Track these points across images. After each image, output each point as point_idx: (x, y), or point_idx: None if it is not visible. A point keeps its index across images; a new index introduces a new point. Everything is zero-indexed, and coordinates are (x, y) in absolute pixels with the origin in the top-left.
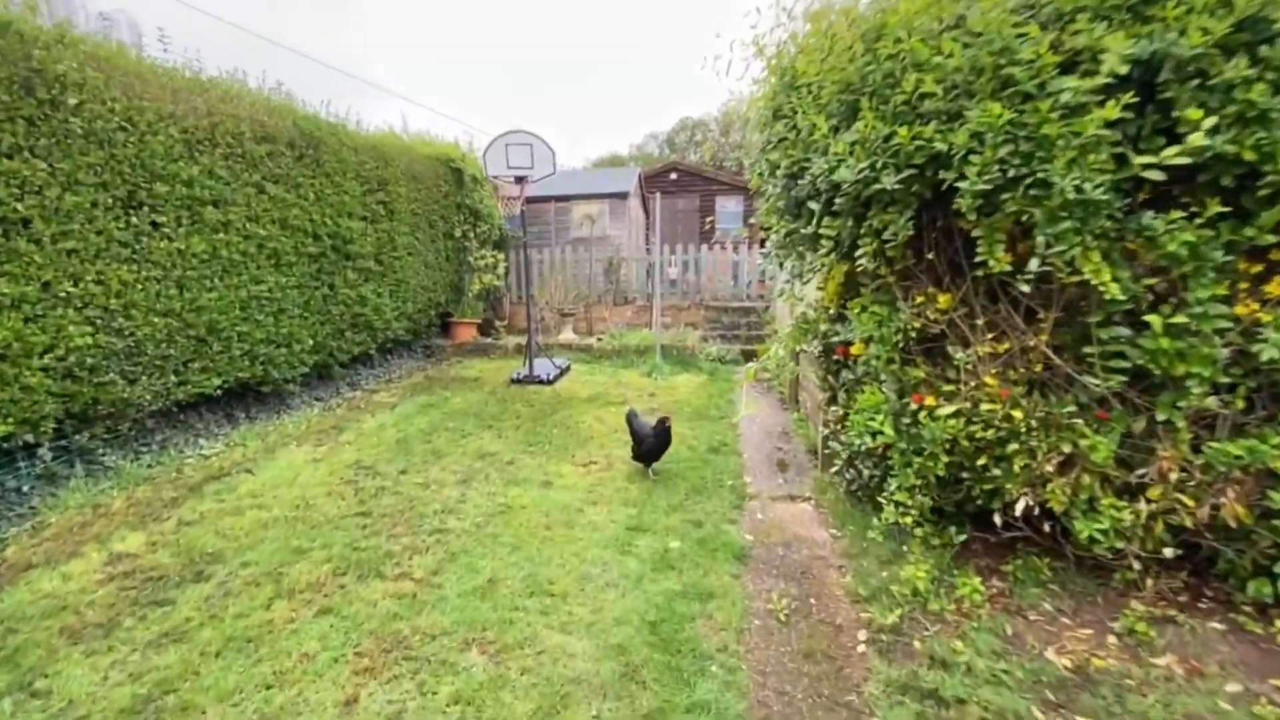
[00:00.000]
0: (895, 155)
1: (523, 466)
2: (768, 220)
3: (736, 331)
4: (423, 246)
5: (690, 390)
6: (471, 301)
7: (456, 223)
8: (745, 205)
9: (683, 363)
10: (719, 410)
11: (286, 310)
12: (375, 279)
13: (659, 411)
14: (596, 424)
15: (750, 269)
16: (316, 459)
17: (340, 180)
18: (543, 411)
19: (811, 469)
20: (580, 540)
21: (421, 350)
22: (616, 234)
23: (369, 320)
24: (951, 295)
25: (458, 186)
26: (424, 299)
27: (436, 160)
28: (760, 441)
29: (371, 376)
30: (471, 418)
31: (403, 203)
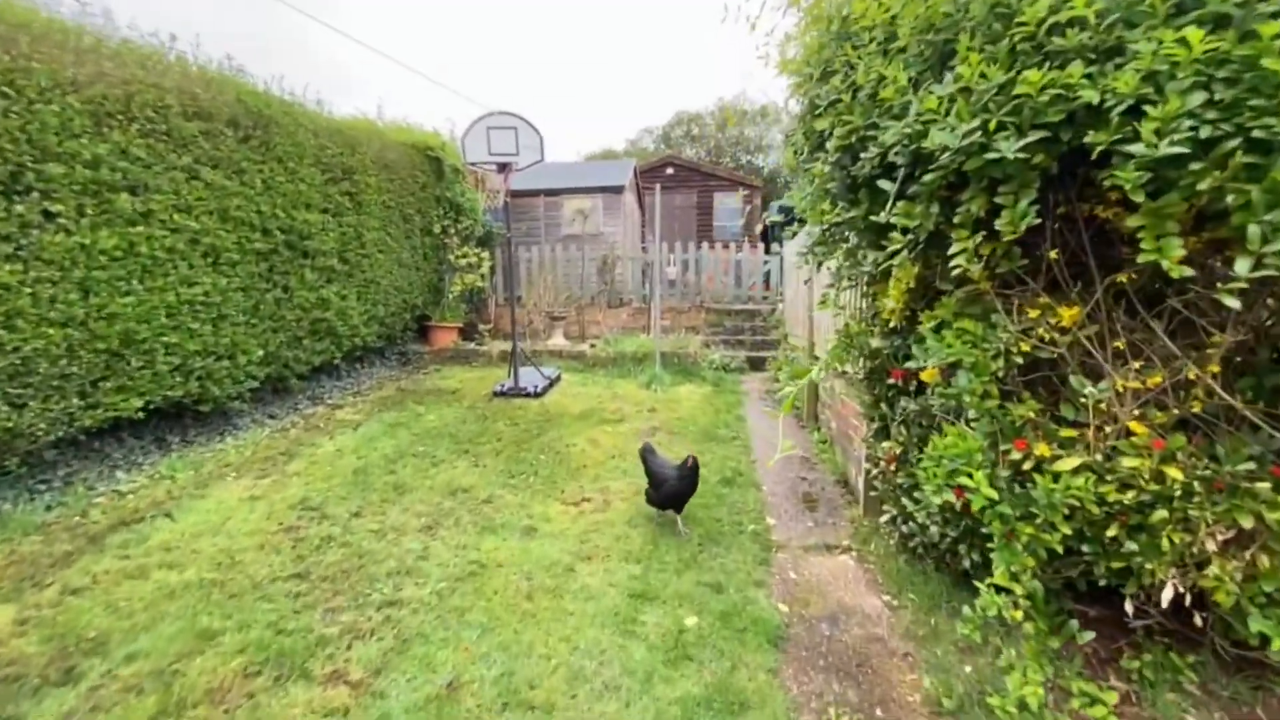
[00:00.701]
0: (1016, 112)
1: (501, 506)
2: (803, 209)
3: (740, 336)
4: (396, 243)
5: (694, 404)
6: (452, 304)
7: (435, 218)
8: (745, 201)
9: (684, 372)
10: (729, 429)
11: (229, 316)
12: (340, 279)
13: (661, 431)
14: (589, 448)
15: (752, 269)
16: (255, 496)
17: (296, 167)
18: (528, 432)
19: (845, 506)
20: (571, 615)
21: (396, 358)
22: (611, 231)
23: (332, 326)
24: (1077, 308)
25: (437, 178)
26: (398, 301)
27: (413, 149)
28: (780, 469)
29: (336, 389)
30: (445, 440)
31: (373, 194)
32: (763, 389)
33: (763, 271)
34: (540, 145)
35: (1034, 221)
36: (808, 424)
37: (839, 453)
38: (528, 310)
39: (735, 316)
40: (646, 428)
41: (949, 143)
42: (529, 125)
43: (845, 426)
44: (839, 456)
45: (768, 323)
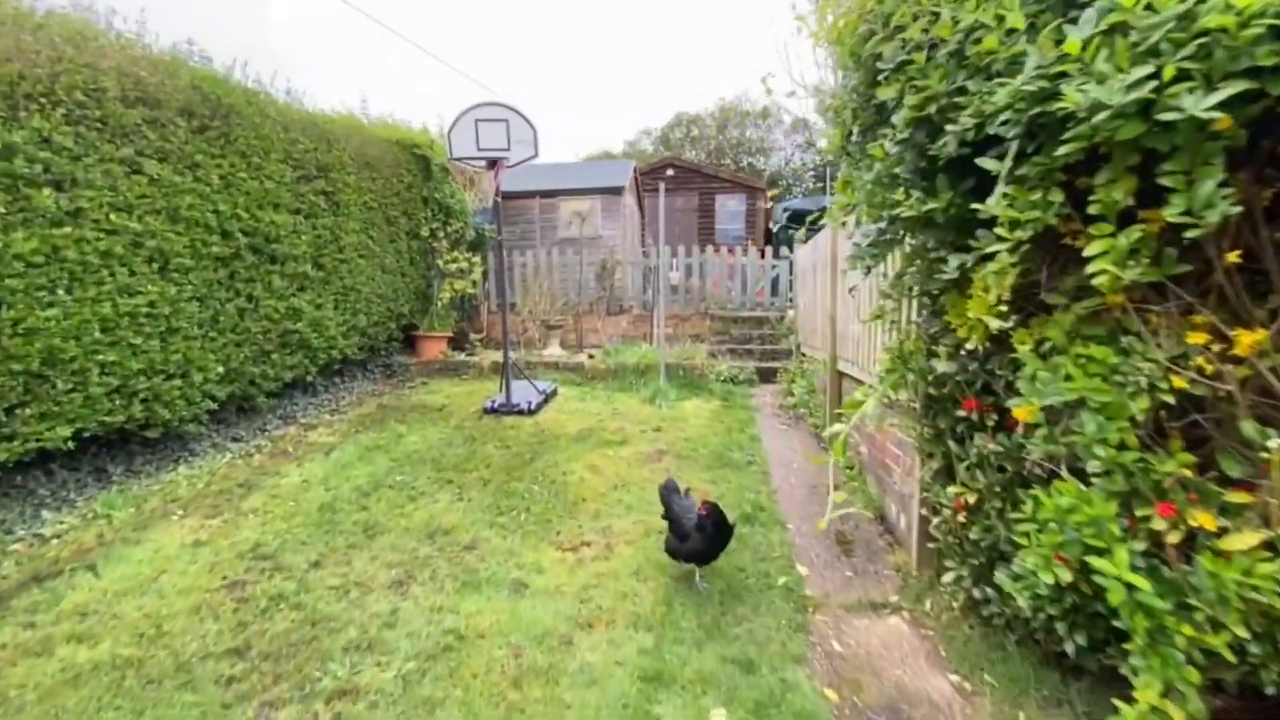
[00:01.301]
0: (1203, 55)
1: (487, 552)
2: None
3: (749, 346)
4: (379, 247)
5: (703, 422)
6: (441, 312)
7: (423, 220)
8: (747, 204)
9: (690, 385)
10: (743, 451)
11: (181, 330)
12: (314, 287)
13: (669, 455)
14: (589, 476)
15: (757, 274)
16: (200, 541)
17: (261, 162)
18: (520, 456)
19: (886, 550)
20: (569, 709)
21: (379, 370)
22: (610, 234)
23: (305, 338)
24: (1261, 331)
25: (424, 177)
26: (381, 310)
27: (398, 146)
28: (805, 500)
29: (311, 407)
30: (427, 466)
31: (352, 194)
32: (775, 403)
33: (770, 276)
34: (534, 139)
35: (1230, 211)
36: (829, 445)
37: (872, 483)
38: (522, 318)
39: (742, 324)
40: (652, 450)
41: (1106, 99)
42: (521, 117)
43: (881, 454)
44: (872, 487)
45: (777, 331)
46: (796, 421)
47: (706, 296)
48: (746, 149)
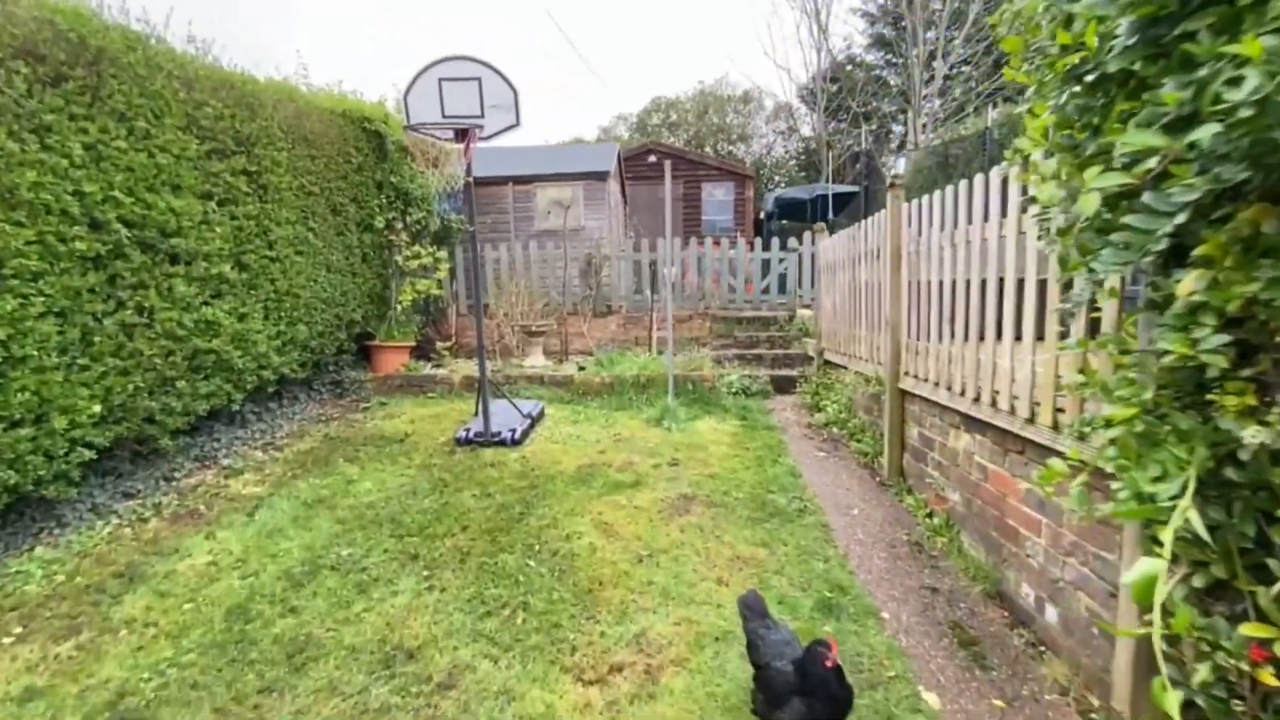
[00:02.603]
0: None
1: (472, 695)
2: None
3: (756, 350)
4: (322, 242)
5: (725, 449)
6: (401, 317)
7: (378, 209)
8: (736, 193)
9: (701, 400)
10: (785, 490)
11: (28, 359)
12: (235, 292)
13: (697, 501)
14: (602, 540)
15: (746, 269)
16: (29, 692)
17: (151, 129)
18: (507, 510)
19: (1028, 652)
20: None
21: (328, 389)
22: (594, 225)
23: (226, 358)
24: None
25: (379, 158)
26: (328, 317)
27: (344, 119)
28: (888, 569)
29: (237, 442)
30: (385, 531)
31: (284, 176)
32: (800, 420)
33: (779, 271)
34: (515, 104)
35: None
36: (890, 479)
37: (971, 542)
38: (497, 322)
39: (747, 325)
40: (674, 495)
41: None
42: (498, 75)
43: (996, 509)
44: (979, 552)
45: (787, 333)
46: (834, 446)
47: (706, 294)
48: (727, 135)
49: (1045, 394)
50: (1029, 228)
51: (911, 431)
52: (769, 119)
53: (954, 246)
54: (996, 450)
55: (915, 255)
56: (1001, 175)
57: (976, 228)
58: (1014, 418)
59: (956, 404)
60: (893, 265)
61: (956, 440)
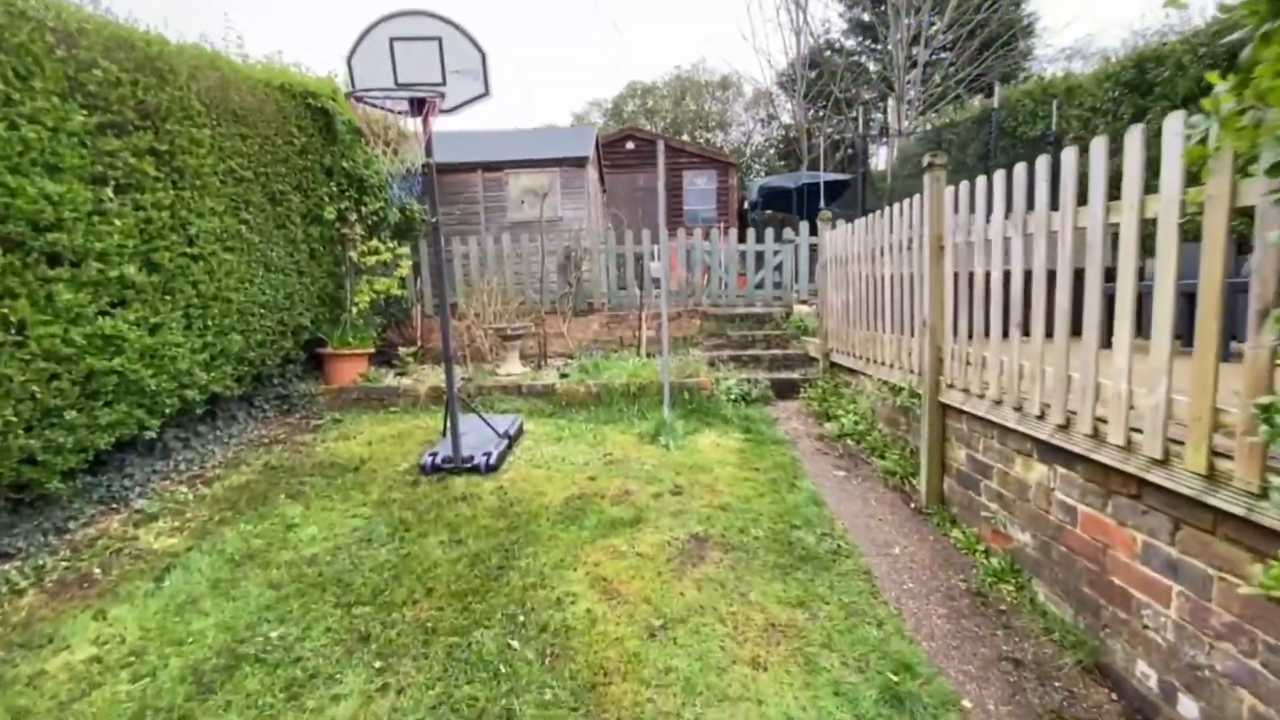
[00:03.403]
0: None
1: None
2: None
3: (752, 351)
4: (259, 236)
5: (733, 470)
6: (357, 321)
7: (327, 198)
8: (718, 181)
9: (699, 410)
10: (810, 525)
11: None
12: (145, 299)
13: (711, 543)
14: (602, 607)
15: (725, 260)
16: None
17: (13, 93)
18: (482, 563)
19: None
20: None
21: (273, 406)
22: (572, 215)
23: (134, 378)
24: None
25: (327, 140)
26: (269, 324)
27: (284, 94)
28: (951, 631)
29: (156, 476)
30: (330, 595)
31: (206, 158)
32: (809, 431)
33: (773, 264)
34: (483, 69)
35: None
36: (928, 506)
37: (1064, 605)
38: (468, 324)
39: (740, 323)
40: (683, 535)
41: None
42: (462, 34)
43: (1094, 565)
44: (1064, 610)
45: (784, 331)
46: (853, 462)
47: (695, 290)
48: (705, 123)
49: (1199, 427)
50: (1165, 208)
51: (956, 453)
52: (748, 106)
53: (1032, 234)
54: (1094, 491)
55: (966, 246)
56: (1139, 137)
57: (1067, 212)
58: (1130, 454)
59: (1030, 428)
60: (932, 257)
61: (1026, 470)
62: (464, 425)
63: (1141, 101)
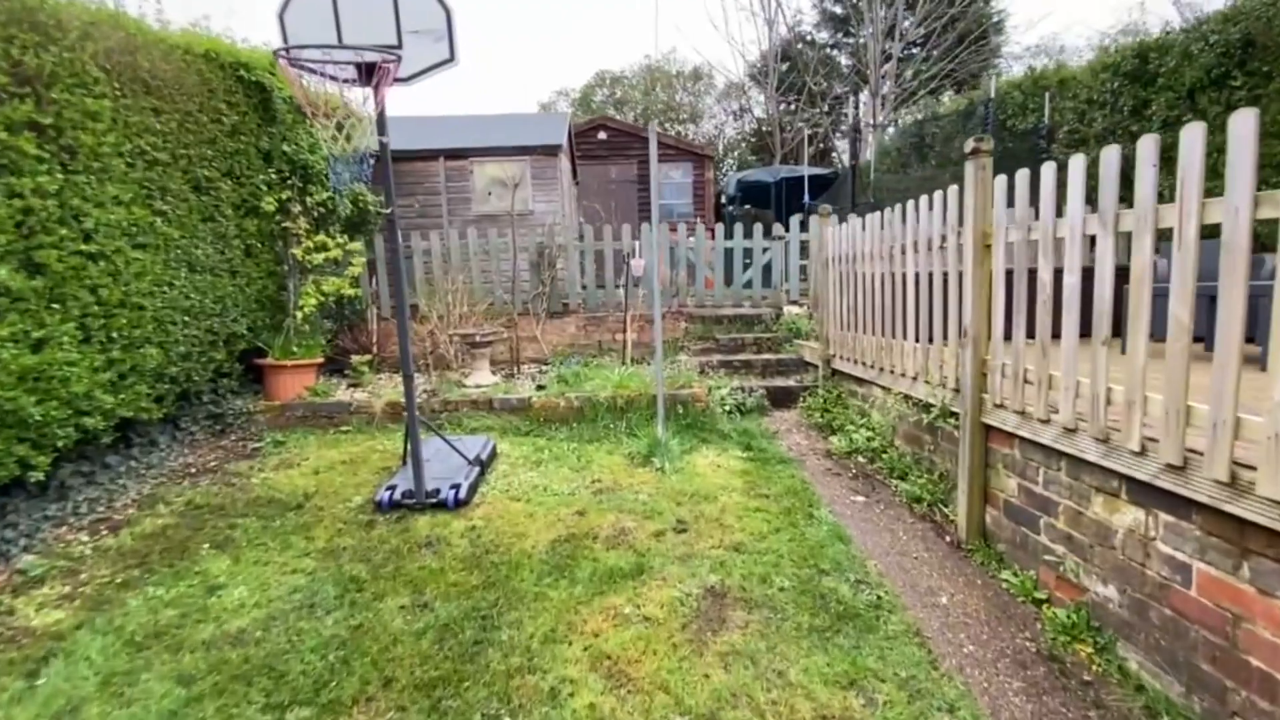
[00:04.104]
0: None
1: None
2: None
3: (742, 355)
4: (180, 230)
5: (740, 498)
6: (303, 326)
7: (265, 187)
8: (694, 174)
9: (694, 425)
10: (841, 570)
11: None
12: (25, 308)
13: (730, 599)
14: (609, 698)
15: (708, 257)
16: None
17: None
18: (453, 638)
19: None
20: None
21: (203, 427)
22: (545, 208)
23: (10, 407)
24: None
25: (265, 120)
26: (195, 333)
27: (211, 65)
28: (1035, 712)
29: (48, 523)
30: (258, 693)
31: (107, 135)
32: (813, 445)
33: (762, 262)
34: (448, 30)
35: None
36: (969, 540)
37: (1169, 679)
38: (430, 328)
39: (728, 325)
40: (696, 590)
41: None
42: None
43: (1220, 639)
44: (1166, 684)
45: (775, 334)
46: (869, 485)
47: (680, 290)
48: (676, 114)
49: None
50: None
51: (1003, 482)
52: (720, 98)
53: (1130, 231)
54: (1221, 548)
55: (1025, 244)
56: None
57: (1190, 204)
58: None
59: (1122, 465)
60: (976, 256)
61: (1110, 512)
62: (427, 450)
63: (1143, 93)
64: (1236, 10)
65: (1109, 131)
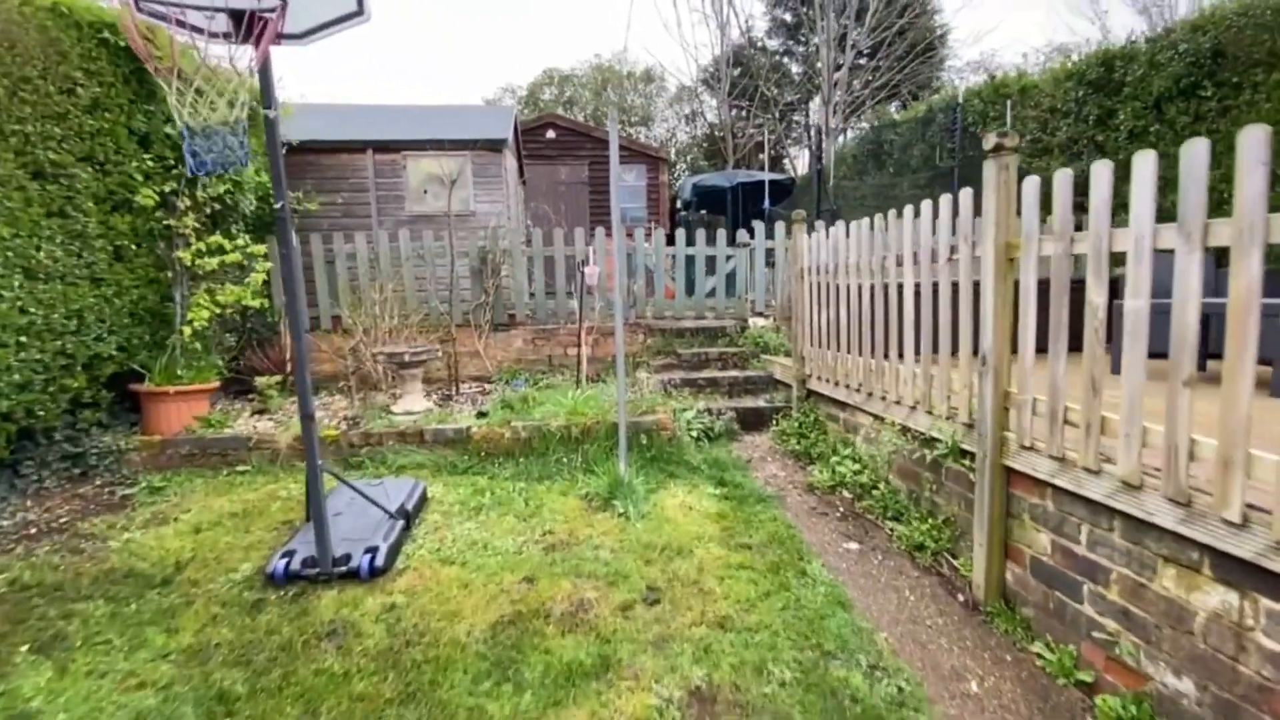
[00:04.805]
0: None
1: None
2: None
3: (706, 371)
4: (16, 229)
5: (719, 552)
6: (193, 344)
7: (140, 176)
8: (648, 177)
9: (660, 458)
10: (849, 647)
11: None
12: None
13: (725, 709)
14: None
15: (662, 264)
16: None
17: None
18: None
19: None
20: None
21: (55, 471)
22: (488, 209)
23: None
24: None
25: (140, 96)
26: (40, 358)
27: (62, 23)
28: None
29: None
30: None
31: None
32: (792, 476)
33: (725, 270)
34: None
35: None
36: (987, 603)
37: None
38: (355, 344)
39: (690, 339)
40: (682, 694)
41: None
42: None
43: None
44: None
45: (741, 347)
46: (861, 527)
47: (638, 301)
48: (628, 116)
49: None
50: None
51: (1031, 537)
52: (672, 101)
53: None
54: None
55: (1064, 258)
56: None
57: None
58: None
59: (1209, 536)
60: (999, 270)
61: (1189, 590)
62: (339, 500)
63: (1108, 102)
64: (1206, 19)
65: (1073, 141)
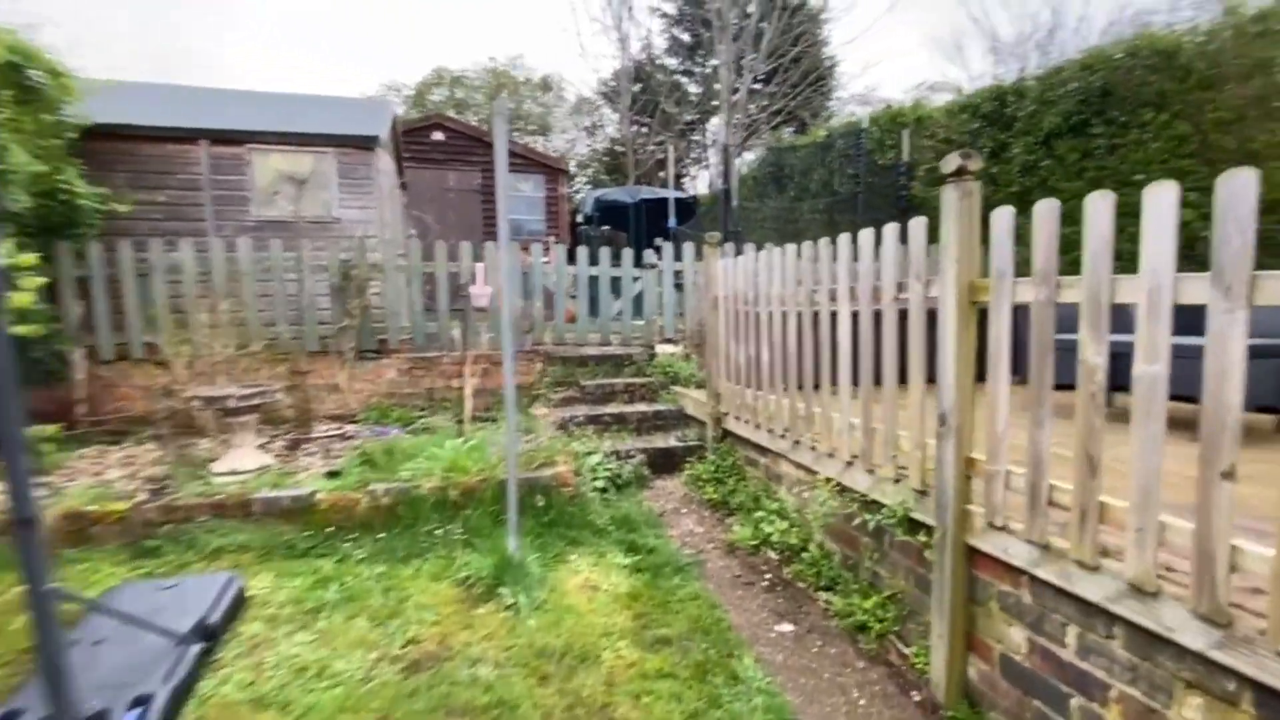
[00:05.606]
0: None
1: None
2: None
3: (612, 406)
4: None
5: (631, 650)
6: None
7: None
8: (547, 189)
9: (559, 520)
10: None
11: None
12: None
13: None
14: None
15: (568, 284)
16: None
17: None
18: None
19: None
20: None
21: None
22: (355, 216)
23: None
24: None
25: None
26: None
27: None
28: None
29: None
30: None
31: None
32: (710, 533)
33: (632, 292)
34: None
35: None
36: (947, 704)
37: None
38: (170, 379)
39: (594, 368)
40: None
41: None
42: None
43: None
44: None
45: (649, 378)
46: (792, 599)
47: (535, 325)
48: (524, 124)
49: None
50: None
51: (1002, 631)
52: (571, 112)
53: None
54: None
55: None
56: None
57: None
58: None
59: (1250, 665)
60: (961, 317)
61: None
62: (103, 624)
63: (1001, 136)
64: (1095, 58)
65: None
